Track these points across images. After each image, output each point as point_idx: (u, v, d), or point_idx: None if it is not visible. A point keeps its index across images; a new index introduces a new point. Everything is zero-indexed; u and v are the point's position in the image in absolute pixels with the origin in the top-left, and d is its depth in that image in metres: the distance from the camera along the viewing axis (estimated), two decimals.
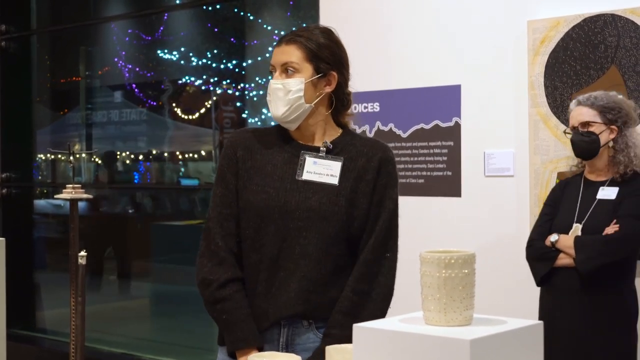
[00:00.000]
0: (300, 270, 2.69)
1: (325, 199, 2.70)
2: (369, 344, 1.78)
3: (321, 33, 2.80)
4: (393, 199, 2.80)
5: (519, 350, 1.75)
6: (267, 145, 2.83)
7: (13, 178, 7.85)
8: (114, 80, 9.96)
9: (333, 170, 2.76)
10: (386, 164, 2.79)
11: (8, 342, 4.04)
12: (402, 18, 4.94)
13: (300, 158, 2.76)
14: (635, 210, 3.75)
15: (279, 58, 2.76)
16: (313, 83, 2.74)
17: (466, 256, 1.76)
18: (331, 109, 2.81)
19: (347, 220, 2.71)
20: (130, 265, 9.36)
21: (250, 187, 2.76)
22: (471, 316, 1.79)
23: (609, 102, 3.84)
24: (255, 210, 2.73)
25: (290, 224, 2.69)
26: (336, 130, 2.84)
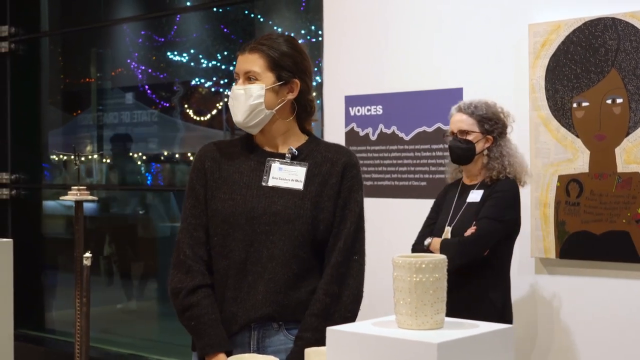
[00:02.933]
0: (267, 273, 2.74)
1: (291, 203, 2.76)
2: (342, 346, 1.81)
3: (284, 42, 2.85)
4: (358, 202, 2.84)
5: (488, 353, 1.76)
6: (234, 155, 2.89)
7: (22, 179, 7.90)
8: (126, 81, 10.01)
9: (298, 175, 2.82)
10: (350, 169, 2.84)
11: (16, 343, 4.08)
12: (405, 22, 4.96)
13: (266, 165, 2.83)
14: (491, 212, 3.95)
15: (241, 66, 2.82)
16: (274, 90, 2.80)
17: (437, 261, 1.78)
18: (294, 115, 2.87)
19: (313, 223, 2.76)
20: (138, 266, 9.40)
21: (218, 196, 2.82)
22: (442, 320, 1.82)
23: (488, 113, 4.07)
24: (222, 217, 2.80)
25: (257, 229, 2.75)
26: (301, 137, 2.91)
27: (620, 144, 4.17)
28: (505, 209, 3.99)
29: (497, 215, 3.95)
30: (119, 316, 8.56)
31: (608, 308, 4.25)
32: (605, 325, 4.26)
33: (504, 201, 4.00)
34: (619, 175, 4.17)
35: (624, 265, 4.18)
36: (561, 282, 4.38)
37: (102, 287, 8.73)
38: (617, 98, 4.18)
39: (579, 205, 4.28)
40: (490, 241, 3.93)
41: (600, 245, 4.23)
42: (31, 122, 8.13)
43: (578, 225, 4.29)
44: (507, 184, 4.03)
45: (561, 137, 4.32)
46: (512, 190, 4.04)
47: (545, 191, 4.38)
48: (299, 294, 2.77)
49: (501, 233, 3.96)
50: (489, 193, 4.02)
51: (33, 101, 8.18)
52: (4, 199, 7.81)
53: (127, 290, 9.12)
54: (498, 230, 3.94)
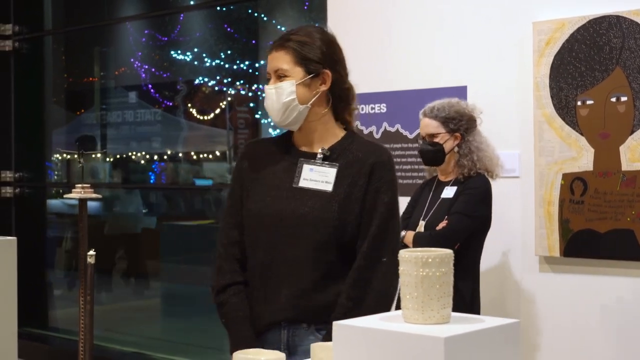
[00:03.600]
0: (291, 276, 2.72)
1: (318, 206, 2.72)
2: (348, 341, 1.81)
3: (309, 33, 2.82)
4: (385, 203, 2.76)
5: (494, 348, 1.76)
6: (271, 154, 2.88)
7: (26, 178, 7.91)
8: (130, 80, 10.03)
9: (328, 177, 2.77)
10: (379, 169, 2.77)
11: (20, 341, 4.08)
12: (409, 20, 4.96)
13: (297, 165, 2.80)
14: (462, 208, 4.08)
15: (271, 65, 2.80)
16: (305, 84, 2.76)
17: (443, 255, 1.78)
18: (329, 106, 2.83)
19: (340, 227, 2.71)
20: (142, 265, 9.40)
21: (252, 197, 2.82)
22: (449, 314, 1.81)
23: (450, 113, 4.19)
24: (252, 218, 2.80)
25: (282, 231, 2.73)
26: (338, 133, 2.85)
27: (624, 142, 4.17)
28: (476, 205, 4.13)
29: (468, 211, 4.09)
30: (123, 314, 8.57)
31: (612, 306, 4.25)
32: (609, 323, 4.26)
33: (475, 198, 4.13)
34: (623, 174, 4.17)
35: (629, 263, 4.18)
36: (565, 280, 4.38)
37: (105, 285, 8.75)
38: (622, 96, 4.17)
39: (583, 204, 4.28)
40: (461, 236, 4.06)
41: (604, 244, 4.22)
42: (35, 121, 8.13)
43: (582, 224, 4.28)
44: (479, 181, 4.17)
45: (565, 135, 4.32)
46: (484, 187, 4.17)
47: (549, 189, 4.38)
48: (325, 297, 2.73)
49: (472, 228, 4.09)
50: (462, 189, 4.16)
51: (36, 100, 8.18)
52: (7, 197, 7.82)
53: (132, 288, 9.14)
54: (469, 225, 4.09)
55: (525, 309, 4.47)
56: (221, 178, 9.61)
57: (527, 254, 4.47)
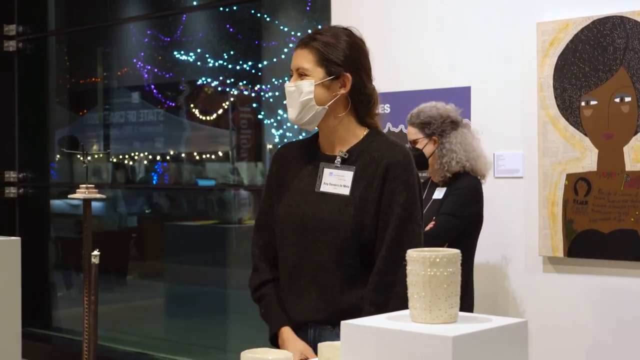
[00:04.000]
0: (318, 280, 2.74)
1: (336, 210, 2.73)
2: (356, 340, 1.81)
3: (341, 35, 2.81)
4: (401, 204, 2.72)
5: (502, 347, 1.77)
6: (298, 158, 2.90)
7: (29, 178, 7.92)
8: (133, 81, 10.02)
9: (346, 180, 2.78)
10: (394, 169, 2.74)
11: (24, 341, 4.09)
12: (413, 20, 4.96)
13: (319, 169, 2.81)
14: (450, 208, 4.15)
15: (294, 62, 2.81)
16: (324, 85, 2.76)
17: (451, 255, 1.79)
18: (348, 109, 2.82)
19: (357, 230, 2.71)
20: (145, 265, 9.41)
21: (281, 201, 2.86)
22: (456, 314, 1.82)
23: (425, 118, 4.32)
24: (280, 222, 2.84)
25: (308, 235, 2.76)
26: (358, 134, 2.84)
27: (628, 143, 4.17)
28: (464, 205, 4.17)
29: (456, 211, 4.13)
30: (126, 315, 8.58)
31: (616, 306, 4.26)
32: (613, 323, 4.26)
33: (463, 197, 4.19)
34: (627, 174, 4.17)
35: (632, 263, 4.18)
36: (569, 280, 4.38)
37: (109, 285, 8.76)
38: (626, 96, 4.18)
39: (587, 204, 4.28)
40: (449, 236, 4.10)
41: (608, 244, 4.23)
42: (38, 121, 8.14)
43: (586, 224, 4.29)
44: (467, 181, 4.22)
45: (569, 136, 4.32)
46: (472, 187, 4.22)
47: (553, 190, 4.38)
48: (349, 299, 2.74)
49: (459, 228, 4.12)
50: (450, 190, 4.22)
51: (40, 100, 8.19)
52: (11, 197, 7.83)
53: (135, 288, 9.14)
54: (456, 225, 4.13)
55: (529, 309, 4.47)
56: (224, 178, 9.62)
57: (530, 254, 4.48)
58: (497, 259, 4.60)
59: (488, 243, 4.61)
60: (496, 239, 4.61)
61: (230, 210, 9.09)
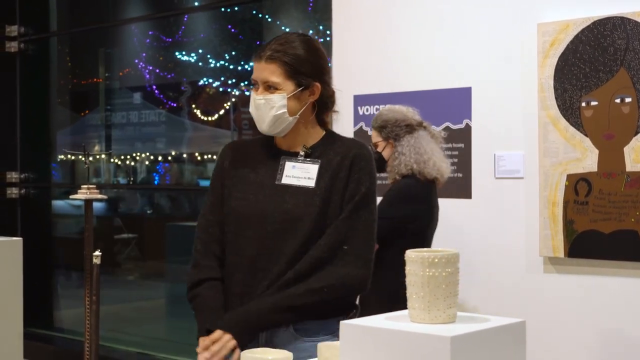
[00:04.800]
0: (276, 270, 2.75)
1: (301, 201, 2.77)
2: (355, 340, 1.82)
3: (300, 44, 2.81)
4: (362, 193, 2.79)
5: (500, 347, 1.78)
6: (252, 154, 2.91)
7: (31, 179, 7.93)
8: (134, 81, 10.03)
9: (310, 173, 2.82)
10: (359, 161, 2.81)
11: (25, 341, 4.10)
12: (413, 21, 4.97)
13: (280, 163, 2.84)
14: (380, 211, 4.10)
15: (260, 75, 2.80)
16: (296, 96, 2.78)
17: (449, 255, 1.80)
18: (314, 113, 2.87)
19: (322, 220, 2.75)
20: (147, 266, 9.42)
21: (234, 195, 2.86)
22: (455, 314, 1.83)
23: (381, 122, 4.38)
24: (235, 215, 2.83)
25: (268, 227, 2.77)
26: (319, 133, 2.90)
27: (629, 143, 4.18)
28: (391, 207, 4.20)
29: (383, 213, 4.10)
30: (128, 315, 8.58)
31: (616, 307, 4.26)
32: (614, 323, 4.27)
33: (390, 199, 4.24)
34: (627, 175, 4.18)
35: (633, 264, 4.19)
36: (570, 281, 4.39)
37: (110, 286, 8.76)
38: (626, 97, 4.18)
39: (587, 205, 4.29)
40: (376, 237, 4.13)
41: (608, 244, 4.23)
42: (40, 122, 8.15)
43: (587, 224, 4.29)
44: (403, 182, 4.26)
45: (570, 137, 4.33)
46: (402, 188, 4.26)
47: (554, 190, 4.39)
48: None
49: (387, 229, 4.06)
50: (385, 192, 4.29)
51: (42, 101, 8.20)
52: (13, 198, 7.84)
53: (137, 289, 9.15)
54: (383, 226, 4.11)
55: (530, 310, 4.47)
56: None
57: (531, 255, 4.48)
58: (498, 259, 4.61)
59: (489, 243, 4.62)
60: (497, 240, 4.62)
61: None
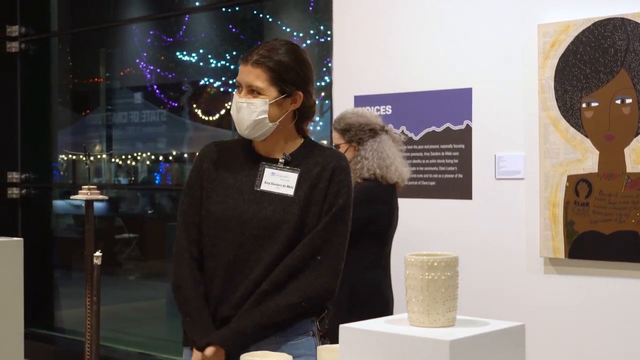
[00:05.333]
0: (253, 275, 2.76)
1: (280, 209, 2.78)
2: (355, 344, 1.82)
3: (287, 52, 2.82)
4: (340, 205, 2.82)
5: (500, 351, 1.78)
6: (232, 158, 2.92)
7: (32, 179, 7.93)
8: (135, 81, 10.03)
9: (290, 181, 2.83)
10: (339, 173, 2.84)
11: (26, 341, 4.11)
12: (414, 22, 4.97)
13: (259, 169, 2.84)
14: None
15: (244, 78, 2.81)
16: (277, 103, 2.80)
17: (449, 259, 1.80)
18: (294, 122, 2.88)
19: (300, 228, 2.77)
20: (147, 266, 9.42)
21: (213, 198, 2.86)
22: (454, 318, 1.83)
23: (345, 125, 4.38)
24: (214, 219, 2.84)
25: (246, 232, 2.78)
26: (297, 141, 2.91)
27: (629, 144, 4.18)
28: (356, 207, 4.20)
29: None
30: (128, 315, 8.59)
31: (617, 307, 4.26)
32: (614, 324, 4.27)
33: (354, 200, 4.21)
34: (628, 176, 4.18)
35: (633, 265, 4.19)
36: (570, 281, 4.39)
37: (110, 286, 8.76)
38: (627, 98, 4.18)
39: (588, 205, 4.29)
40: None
41: (609, 245, 4.23)
42: (41, 122, 8.16)
43: (587, 225, 4.29)
44: (365, 184, 4.25)
45: (570, 138, 4.33)
46: (368, 189, 4.25)
47: (554, 191, 4.39)
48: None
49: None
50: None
51: (43, 101, 8.21)
52: (14, 198, 7.84)
53: (137, 289, 9.14)
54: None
55: (530, 311, 4.48)
56: None
57: (532, 256, 4.49)
58: (499, 260, 4.61)
59: (489, 244, 4.63)
60: (497, 240, 4.62)
61: None
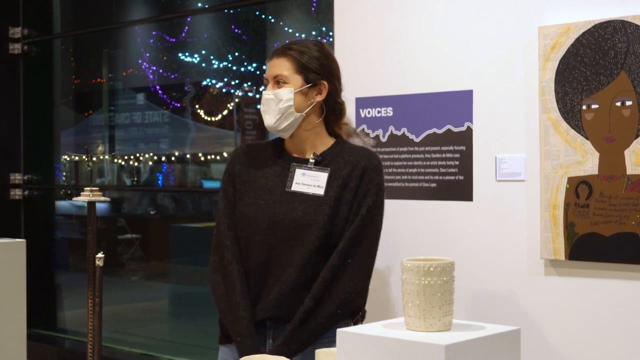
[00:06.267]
0: (285, 277, 2.77)
1: (310, 209, 2.79)
2: (352, 347, 1.84)
3: (312, 45, 2.88)
4: (369, 206, 2.85)
5: (495, 355, 1.79)
6: (263, 159, 2.93)
7: (34, 180, 7.94)
8: (138, 82, 10.05)
9: (320, 181, 2.84)
10: (369, 172, 2.86)
11: (29, 342, 4.12)
12: (415, 24, 4.97)
13: (290, 170, 2.85)
14: None
15: (271, 71, 2.86)
16: (303, 92, 2.82)
17: (445, 264, 1.81)
18: (322, 117, 2.89)
19: (329, 229, 2.77)
20: (150, 267, 9.43)
21: (245, 200, 2.88)
22: (450, 322, 1.84)
23: None
24: (246, 221, 2.85)
25: (278, 233, 2.79)
26: (328, 141, 2.92)
27: (629, 146, 4.18)
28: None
29: None
30: (130, 316, 8.59)
31: (618, 309, 4.26)
32: (615, 326, 4.27)
33: None
34: (628, 177, 4.18)
35: (634, 267, 4.19)
36: (570, 283, 4.39)
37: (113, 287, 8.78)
38: (627, 100, 4.19)
39: (588, 207, 4.29)
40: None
41: (609, 247, 4.23)
42: (43, 123, 8.17)
43: (587, 227, 4.29)
44: None
45: (571, 139, 4.33)
46: None
47: (554, 193, 4.39)
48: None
49: None
50: None
51: (45, 102, 8.21)
52: (16, 199, 7.85)
53: (140, 290, 9.15)
54: None
55: (531, 313, 4.48)
56: None
57: (532, 258, 4.49)
58: (499, 262, 4.61)
59: (490, 246, 4.63)
60: (498, 242, 4.62)
61: None
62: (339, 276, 2.78)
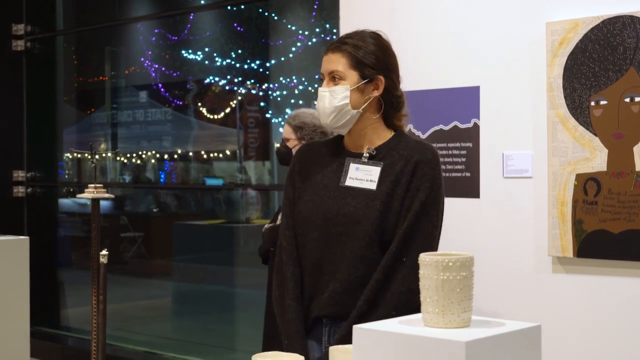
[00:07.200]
0: (338, 274, 2.75)
1: (362, 204, 2.75)
2: (368, 344, 1.81)
3: (368, 38, 2.84)
4: (422, 201, 2.76)
5: (515, 352, 1.76)
6: (322, 156, 2.92)
7: (38, 177, 7.93)
8: (140, 80, 10.04)
9: (373, 175, 2.80)
10: (422, 166, 2.78)
11: (32, 340, 4.10)
12: (421, 20, 4.95)
13: (345, 164, 2.83)
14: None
15: (326, 66, 2.83)
16: (359, 89, 2.79)
17: (464, 259, 1.78)
18: (380, 112, 2.85)
19: (381, 225, 2.73)
20: (153, 264, 9.42)
21: (303, 198, 2.87)
22: (469, 318, 1.82)
23: (299, 122, 4.64)
24: (302, 218, 2.85)
25: (331, 229, 2.77)
26: (386, 135, 2.87)
27: (638, 143, 4.15)
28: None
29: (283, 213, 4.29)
30: (134, 314, 8.59)
31: (626, 307, 4.24)
32: (623, 324, 4.25)
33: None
34: (637, 174, 4.16)
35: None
36: (578, 281, 4.37)
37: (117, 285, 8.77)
38: (636, 96, 4.16)
39: (596, 204, 4.27)
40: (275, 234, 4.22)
41: (618, 244, 4.21)
42: (46, 120, 8.15)
43: (596, 224, 4.27)
44: None
45: (579, 136, 4.31)
46: None
47: (562, 190, 4.37)
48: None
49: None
50: None
51: (48, 99, 8.20)
52: (20, 196, 7.84)
53: (143, 288, 9.15)
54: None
55: (538, 310, 4.46)
56: (231, 177, 9.64)
57: (540, 255, 4.47)
58: (506, 259, 4.59)
59: (497, 243, 4.61)
60: (505, 239, 4.60)
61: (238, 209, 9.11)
62: (393, 277, 2.72)
